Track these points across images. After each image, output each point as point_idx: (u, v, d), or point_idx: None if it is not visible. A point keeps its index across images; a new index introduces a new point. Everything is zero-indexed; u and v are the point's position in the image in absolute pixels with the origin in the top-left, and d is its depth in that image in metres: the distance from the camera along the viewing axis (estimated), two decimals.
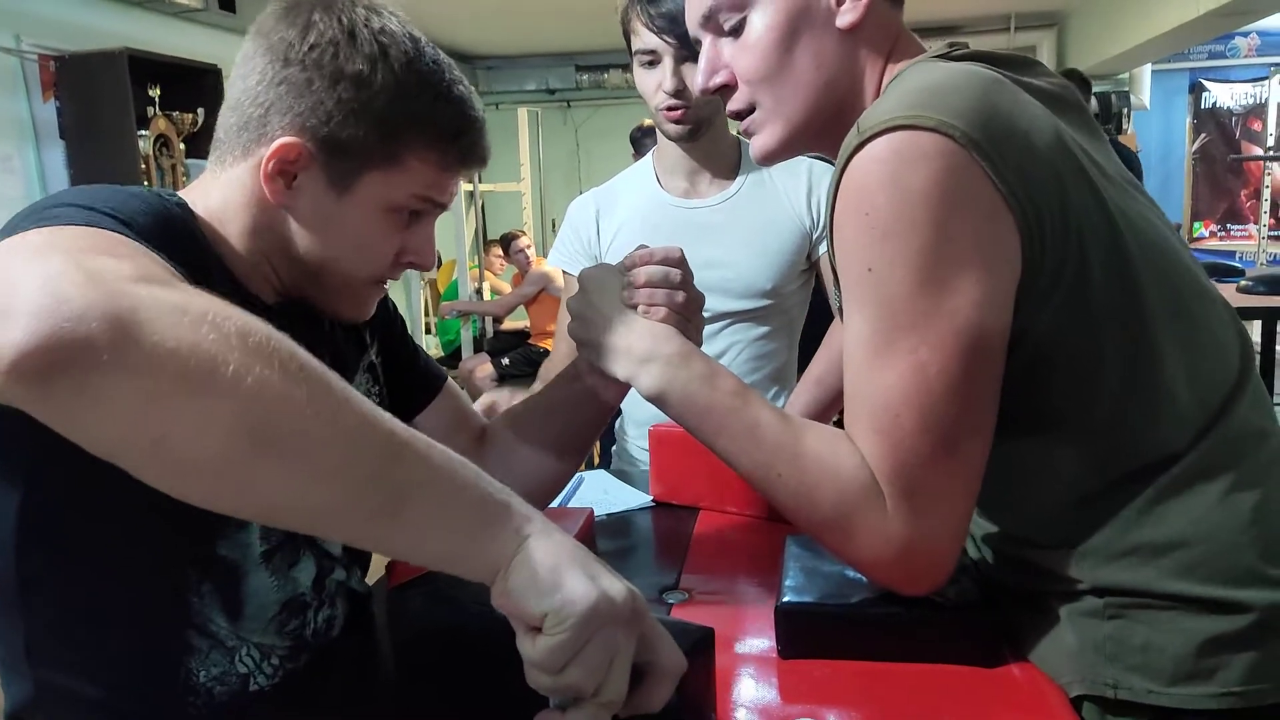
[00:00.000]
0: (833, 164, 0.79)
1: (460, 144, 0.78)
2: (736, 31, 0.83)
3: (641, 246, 0.89)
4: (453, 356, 5.63)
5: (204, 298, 0.50)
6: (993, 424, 0.73)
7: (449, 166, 0.78)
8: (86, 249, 0.53)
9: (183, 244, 0.67)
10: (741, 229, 1.49)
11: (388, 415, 0.53)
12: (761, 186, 1.51)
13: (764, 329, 1.51)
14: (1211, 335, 0.78)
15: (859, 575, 0.81)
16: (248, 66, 0.75)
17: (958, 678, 0.74)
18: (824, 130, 0.84)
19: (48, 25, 3.62)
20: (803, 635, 0.79)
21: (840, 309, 0.83)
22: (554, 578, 0.52)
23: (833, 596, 0.79)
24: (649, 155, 1.61)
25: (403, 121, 0.74)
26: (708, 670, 0.66)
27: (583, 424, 0.97)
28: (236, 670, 0.74)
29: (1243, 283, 2.67)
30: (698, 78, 0.87)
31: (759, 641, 0.82)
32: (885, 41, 0.84)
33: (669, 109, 1.40)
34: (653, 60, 1.38)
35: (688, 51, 1.34)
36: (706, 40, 0.86)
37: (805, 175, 1.51)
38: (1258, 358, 3.03)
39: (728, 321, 1.50)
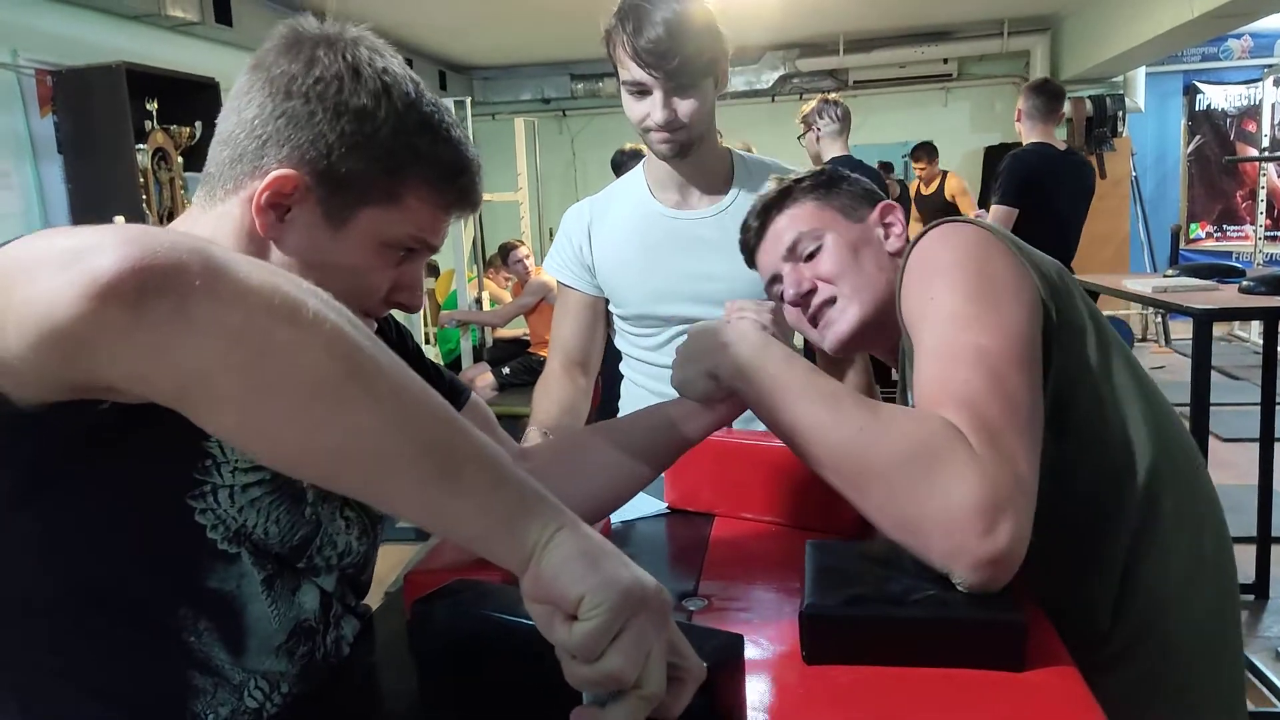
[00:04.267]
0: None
1: (459, 184, 0.78)
2: (812, 256, 1.10)
3: None
4: (453, 366, 5.63)
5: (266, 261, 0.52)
6: (1042, 422, 0.83)
7: (446, 207, 0.78)
8: None
9: None
10: (733, 243, 1.48)
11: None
12: (754, 200, 1.51)
13: None
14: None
15: (883, 579, 0.81)
16: (244, 99, 0.73)
17: (984, 681, 0.74)
18: (880, 325, 1.05)
19: (45, 40, 3.62)
20: (827, 640, 0.78)
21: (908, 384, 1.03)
22: (589, 562, 0.53)
23: (857, 601, 0.79)
24: (640, 166, 1.60)
25: (405, 158, 0.74)
26: (738, 677, 0.65)
27: (660, 446, 0.99)
28: (246, 705, 0.72)
29: (1244, 283, 2.66)
30: (787, 290, 1.10)
31: (781, 647, 0.82)
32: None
33: (659, 135, 1.40)
34: (642, 91, 1.37)
35: (675, 83, 1.34)
36: (788, 267, 1.11)
37: None
38: (1260, 359, 3.03)
39: None
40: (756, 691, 0.74)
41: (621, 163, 3.93)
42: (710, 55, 1.37)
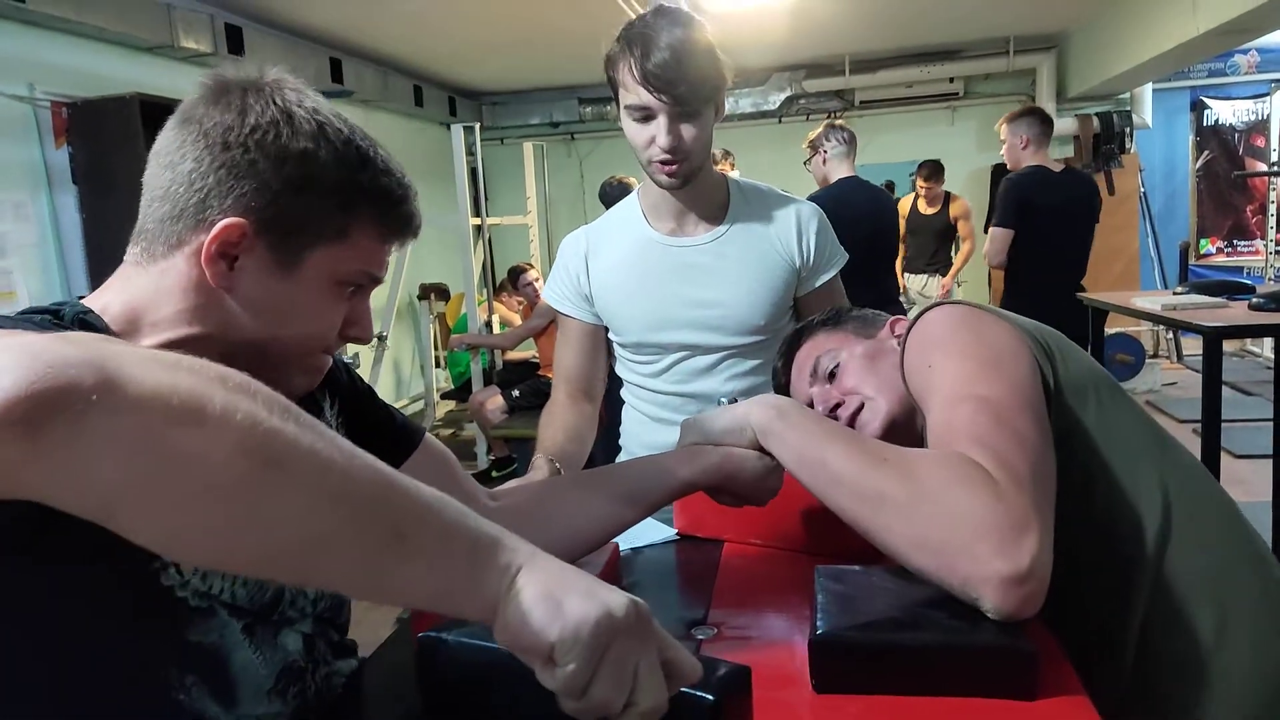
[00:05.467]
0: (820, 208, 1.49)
1: (401, 213, 0.79)
2: (833, 374, 1.17)
3: None
4: (463, 389, 5.63)
5: (173, 353, 0.50)
6: (1053, 458, 0.85)
7: (388, 236, 0.79)
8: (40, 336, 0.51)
9: None
10: (731, 269, 1.51)
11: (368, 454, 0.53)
12: (751, 227, 1.53)
13: (758, 361, 1.55)
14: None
15: (893, 606, 0.80)
16: (176, 154, 0.73)
17: (995, 711, 0.73)
18: (909, 425, 1.08)
19: (59, 72, 3.67)
20: (837, 668, 0.78)
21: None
22: (551, 606, 0.52)
23: (867, 628, 0.79)
24: (634, 193, 1.61)
25: (350, 194, 0.74)
26: (746, 709, 0.65)
27: (649, 490, 1.01)
28: None
29: (1254, 300, 2.65)
30: (818, 407, 1.14)
31: (791, 676, 0.81)
32: None
33: (663, 163, 1.40)
34: (646, 116, 1.38)
35: (681, 108, 1.35)
36: (816, 390, 1.18)
37: (794, 217, 1.54)
38: (1272, 374, 3.02)
39: (723, 355, 1.54)
40: None
41: (609, 196, 3.94)
42: (713, 82, 1.38)
